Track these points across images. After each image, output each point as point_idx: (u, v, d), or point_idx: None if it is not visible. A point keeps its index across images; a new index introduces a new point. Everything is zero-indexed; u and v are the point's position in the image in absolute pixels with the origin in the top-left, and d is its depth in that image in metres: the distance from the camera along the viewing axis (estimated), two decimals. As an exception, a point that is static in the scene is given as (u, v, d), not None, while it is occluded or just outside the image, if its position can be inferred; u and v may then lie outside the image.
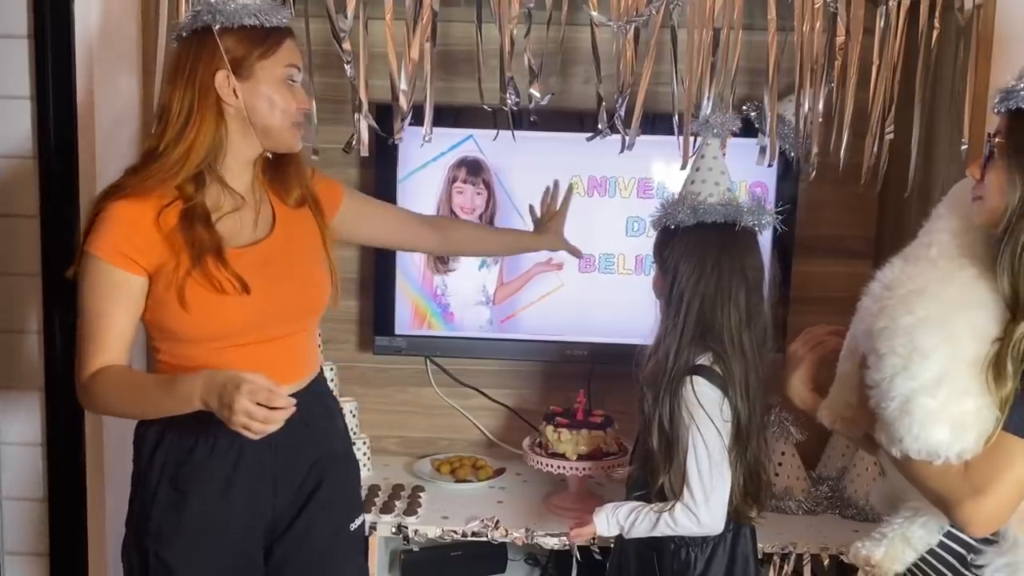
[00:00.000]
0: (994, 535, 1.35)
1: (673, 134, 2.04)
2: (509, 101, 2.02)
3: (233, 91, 1.57)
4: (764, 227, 1.79)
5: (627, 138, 2.05)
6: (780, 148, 2.10)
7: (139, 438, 1.66)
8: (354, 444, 1.90)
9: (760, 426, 1.78)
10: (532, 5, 1.96)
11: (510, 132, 2.08)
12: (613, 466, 2.17)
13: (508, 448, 2.50)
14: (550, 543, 2.11)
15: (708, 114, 1.87)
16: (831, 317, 1.63)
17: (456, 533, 2.13)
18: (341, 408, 1.85)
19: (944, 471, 1.30)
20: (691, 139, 2.02)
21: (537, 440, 2.25)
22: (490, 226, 2.33)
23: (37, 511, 1.99)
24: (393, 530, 2.13)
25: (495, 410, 2.54)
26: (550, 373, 2.50)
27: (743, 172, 2.18)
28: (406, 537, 2.14)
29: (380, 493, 2.24)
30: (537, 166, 2.32)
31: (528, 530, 2.11)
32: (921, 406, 1.29)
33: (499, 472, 2.39)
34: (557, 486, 2.30)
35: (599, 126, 2.04)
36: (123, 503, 2.04)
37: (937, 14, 2.02)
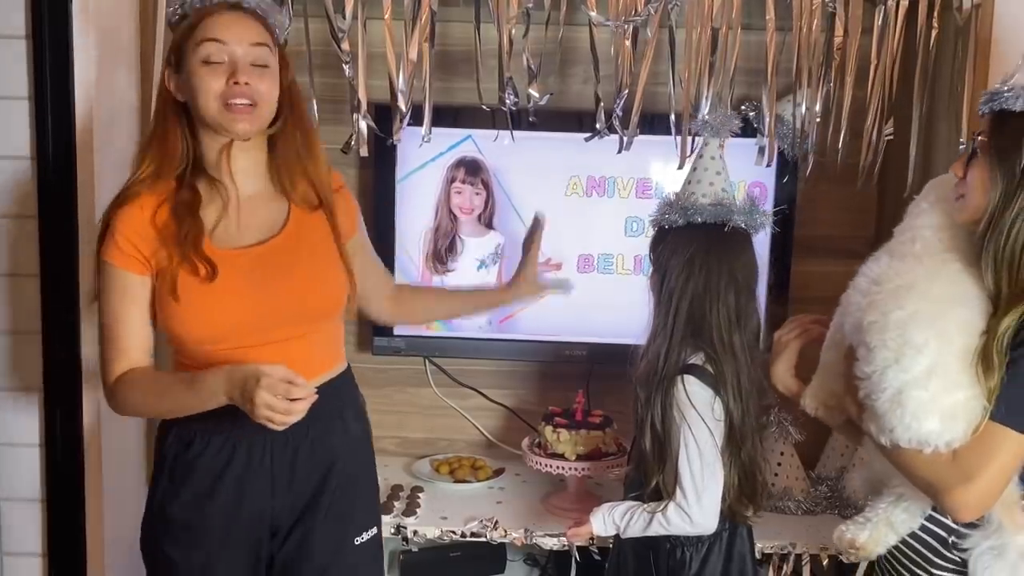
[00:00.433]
0: (978, 519, 1.40)
1: (671, 134, 2.04)
2: (508, 101, 2.02)
3: (176, 86, 1.57)
4: (756, 228, 1.78)
5: (625, 138, 2.05)
6: (779, 148, 2.10)
7: (158, 431, 1.69)
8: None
9: (755, 427, 1.78)
10: (530, 5, 1.96)
11: (509, 132, 2.08)
12: (612, 466, 2.17)
13: (507, 448, 2.50)
14: (549, 543, 2.11)
15: (707, 113, 1.88)
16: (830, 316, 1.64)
17: (455, 533, 2.13)
18: (364, 417, 1.76)
19: (933, 459, 1.35)
20: (689, 139, 2.03)
21: (536, 440, 2.25)
22: (458, 289, 2.14)
23: (35, 512, 1.99)
24: (392, 531, 2.12)
25: (494, 410, 2.54)
26: (549, 373, 2.50)
27: (742, 172, 2.18)
28: (405, 538, 2.14)
29: (379, 494, 2.24)
30: (536, 166, 2.32)
31: (527, 530, 2.11)
32: (913, 398, 1.34)
33: (498, 472, 2.39)
34: (556, 486, 2.29)
35: (597, 126, 2.05)
36: (122, 504, 2.04)
37: (935, 14, 2.02)
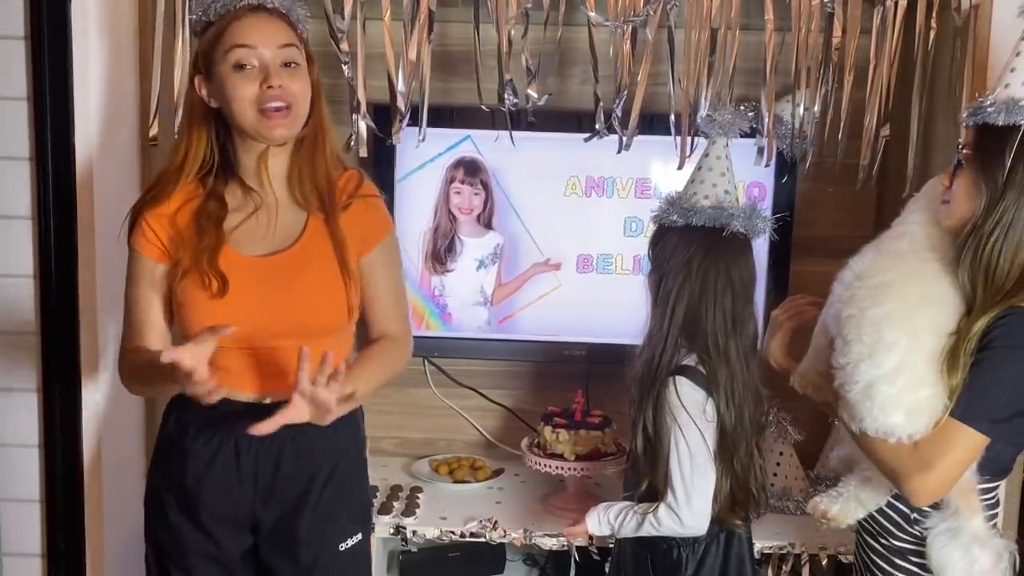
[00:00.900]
0: (935, 504, 1.52)
1: (671, 134, 2.04)
2: (507, 101, 2.02)
3: (209, 93, 1.59)
4: (756, 233, 1.77)
5: (624, 138, 2.05)
6: (778, 148, 2.10)
7: (163, 413, 1.73)
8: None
9: (751, 435, 1.76)
10: (530, 5, 1.96)
11: (508, 133, 2.08)
12: (611, 466, 2.17)
13: (506, 449, 2.50)
14: (548, 543, 2.11)
15: (716, 112, 1.84)
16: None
17: (454, 534, 2.13)
18: (357, 429, 1.75)
19: (896, 448, 1.47)
20: (688, 139, 2.03)
21: (535, 440, 2.25)
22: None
23: (35, 512, 1.99)
24: (391, 531, 2.12)
25: (493, 411, 2.54)
26: (548, 373, 2.50)
27: (741, 172, 2.15)
28: (404, 538, 2.14)
29: (378, 494, 2.24)
30: (535, 166, 2.33)
31: (526, 531, 2.11)
32: (882, 392, 1.45)
33: (497, 473, 2.39)
34: (555, 487, 2.29)
35: (597, 126, 2.05)
36: (121, 504, 2.04)
37: (934, 14, 2.02)
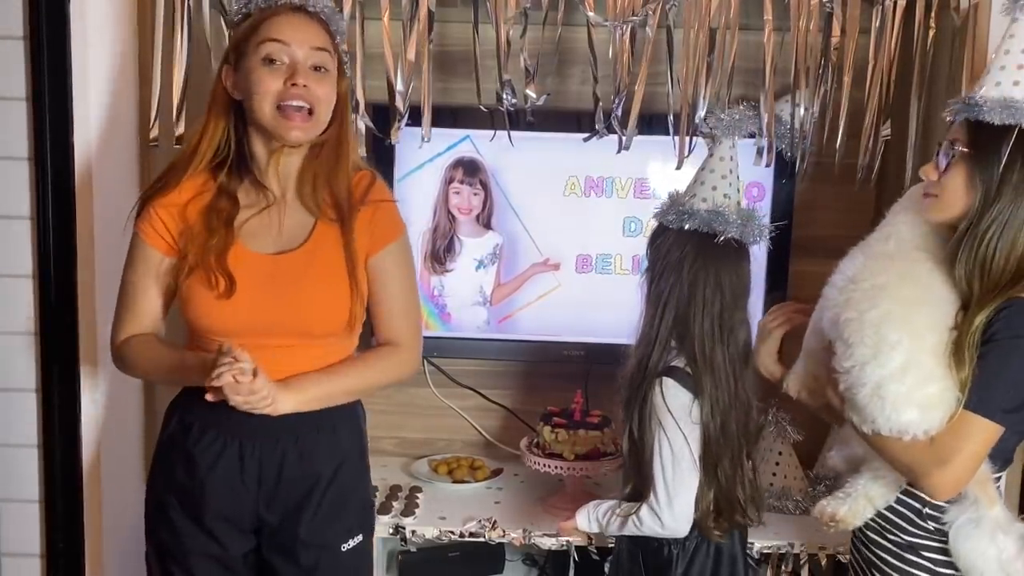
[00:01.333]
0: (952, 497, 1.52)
1: (670, 134, 2.04)
2: (506, 101, 2.02)
3: (233, 84, 1.60)
4: (752, 240, 1.75)
5: (624, 138, 2.05)
6: (777, 148, 2.10)
7: (165, 412, 1.73)
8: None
9: (737, 446, 1.73)
10: (528, 5, 1.96)
11: (507, 132, 2.08)
12: (610, 466, 2.17)
13: (505, 448, 2.50)
14: (547, 543, 2.11)
15: (725, 112, 1.82)
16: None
17: (454, 534, 2.13)
18: (360, 432, 1.75)
19: (912, 445, 1.47)
20: (687, 139, 2.03)
21: (534, 440, 2.25)
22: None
23: (34, 513, 1.99)
24: (391, 531, 2.12)
25: (492, 410, 2.54)
26: (547, 373, 2.50)
27: (740, 172, 2.18)
28: (404, 538, 2.14)
29: (377, 494, 2.24)
30: (534, 166, 2.33)
31: (525, 530, 2.11)
32: (892, 391, 1.46)
33: (496, 472, 2.39)
34: (554, 486, 2.30)
35: (596, 126, 2.05)
36: (121, 504, 2.04)
37: (933, 14, 2.02)
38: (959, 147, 1.49)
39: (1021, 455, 1.89)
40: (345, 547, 1.70)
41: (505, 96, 2.01)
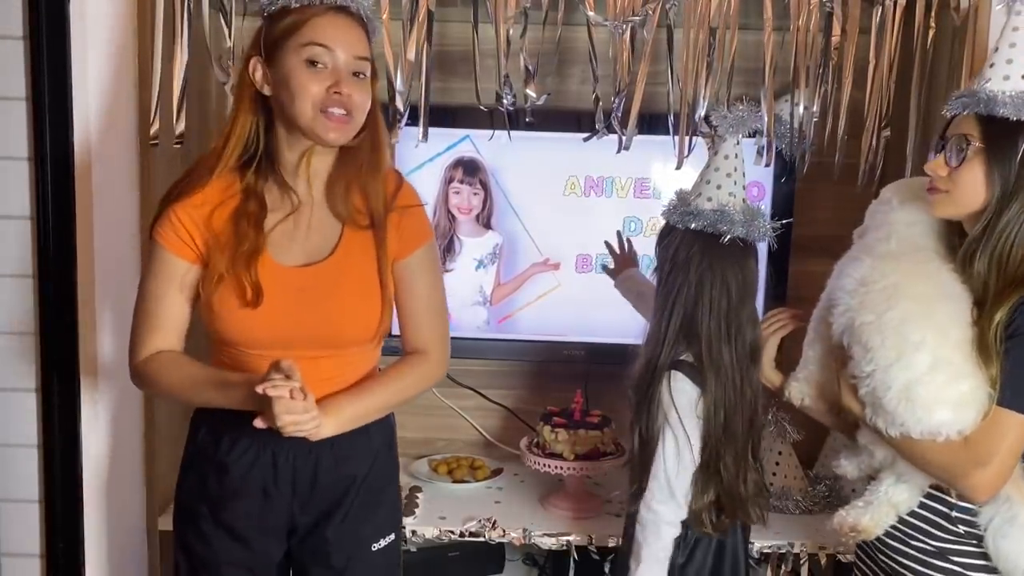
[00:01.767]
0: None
1: (670, 134, 2.04)
2: (505, 101, 2.02)
3: (264, 79, 1.54)
4: (757, 239, 1.74)
5: (624, 138, 2.05)
6: (777, 148, 2.10)
7: (191, 423, 1.70)
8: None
9: (741, 444, 1.71)
10: (528, 5, 1.96)
11: (506, 132, 2.08)
12: (610, 466, 2.17)
13: (505, 448, 2.50)
14: (547, 543, 2.11)
15: (730, 109, 1.79)
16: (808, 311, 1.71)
17: (454, 533, 2.13)
18: (390, 430, 1.74)
19: (946, 447, 1.43)
20: (687, 139, 2.02)
21: (534, 440, 2.25)
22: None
23: (34, 513, 1.99)
24: (390, 531, 2.12)
25: (492, 410, 2.54)
26: (547, 373, 2.50)
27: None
28: (404, 538, 2.14)
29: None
30: (534, 166, 2.33)
31: (526, 530, 2.11)
32: (920, 393, 1.42)
33: (496, 472, 2.39)
34: (554, 486, 2.29)
35: (596, 126, 2.05)
36: (120, 504, 2.04)
37: (933, 13, 2.02)
38: (974, 142, 1.45)
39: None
40: (376, 547, 1.68)
41: (505, 96, 2.01)
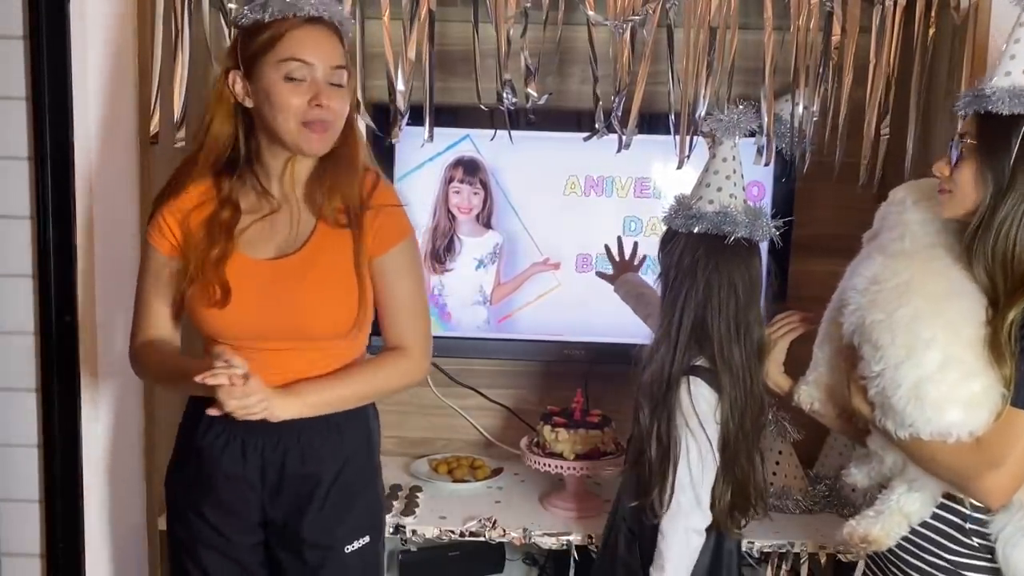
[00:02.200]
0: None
1: (670, 133, 2.04)
2: (506, 101, 2.02)
3: (245, 92, 1.58)
4: (761, 238, 1.74)
5: (624, 138, 2.05)
6: (777, 147, 2.10)
7: (185, 406, 1.75)
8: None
9: (752, 444, 1.73)
10: (529, 5, 1.96)
11: (507, 132, 2.08)
12: (610, 466, 2.17)
13: (506, 448, 2.50)
14: (548, 543, 2.11)
15: (725, 111, 1.79)
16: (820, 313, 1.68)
17: (454, 533, 2.13)
18: (368, 430, 1.75)
19: (957, 449, 1.39)
20: (687, 138, 2.02)
21: (535, 440, 2.25)
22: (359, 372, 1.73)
23: (34, 512, 1.99)
24: (391, 530, 2.12)
25: (492, 410, 2.54)
26: (547, 373, 2.50)
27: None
28: (404, 537, 2.14)
29: (381, 505, 2.24)
30: (534, 166, 2.33)
31: (526, 530, 2.11)
32: (931, 392, 1.38)
33: (497, 472, 2.39)
34: (555, 486, 2.29)
35: (596, 126, 2.05)
36: (120, 504, 2.04)
37: (932, 13, 2.02)
38: (969, 140, 1.44)
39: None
40: (349, 548, 1.69)
41: (505, 95, 2.01)
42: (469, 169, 2.34)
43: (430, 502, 2.23)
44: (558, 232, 2.37)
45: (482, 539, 2.13)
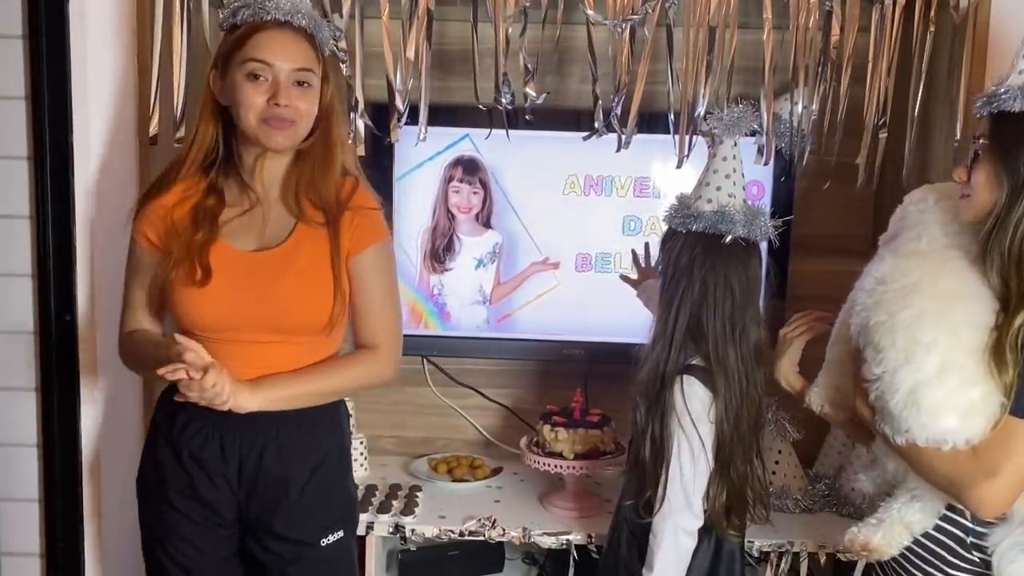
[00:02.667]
0: (1000, 516, 1.40)
1: (669, 133, 2.04)
2: (504, 100, 2.02)
3: (219, 90, 1.65)
4: (759, 238, 1.73)
5: (623, 137, 2.05)
6: (776, 146, 2.10)
7: (157, 399, 1.77)
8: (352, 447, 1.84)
9: (749, 446, 1.72)
10: (528, 4, 1.96)
11: (506, 131, 2.08)
12: (610, 465, 2.17)
13: (505, 447, 2.50)
14: (547, 542, 2.11)
15: (725, 110, 1.78)
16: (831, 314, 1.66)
17: (453, 532, 2.13)
18: (340, 428, 1.77)
19: (952, 456, 1.35)
20: (687, 138, 2.03)
21: (534, 439, 2.25)
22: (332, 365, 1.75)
23: (34, 512, 1.99)
24: (390, 530, 2.12)
25: (492, 409, 2.54)
26: (547, 372, 2.50)
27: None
28: (403, 537, 2.14)
29: (377, 493, 2.24)
30: (533, 165, 2.33)
31: (525, 529, 2.11)
32: (928, 396, 1.35)
33: (496, 471, 2.39)
34: (554, 485, 2.30)
35: (595, 125, 2.05)
36: (119, 503, 2.04)
37: (932, 12, 2.02)
38: (982, 140, 1.41)
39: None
40: (325, 542, 1.72)
41: (504, 95, 2.01)
42: (468, 168, 2.35)
43: (430, 502, 2.23)
44: (557, 232, 2.37)
45: (482, 538, 2.13)
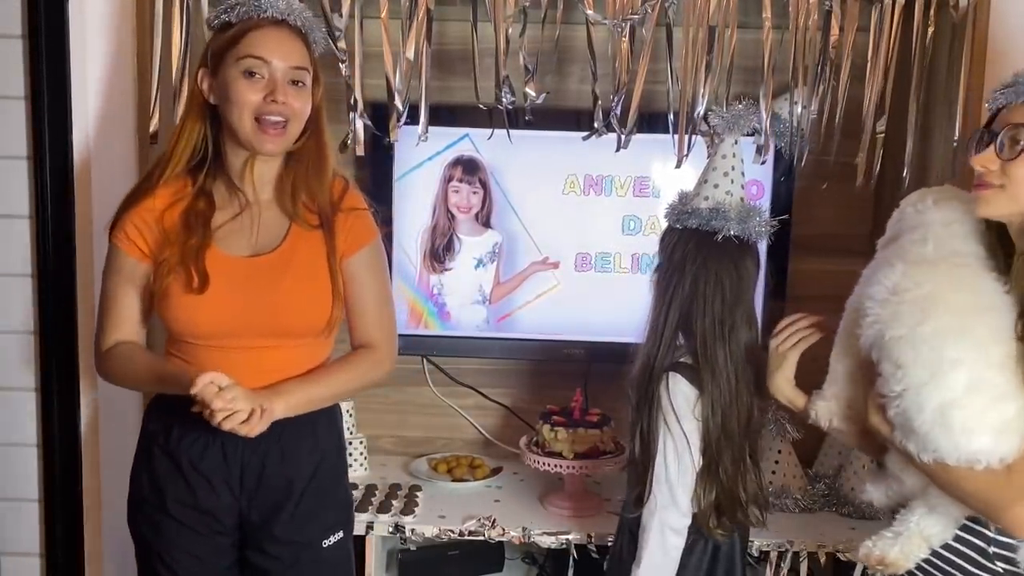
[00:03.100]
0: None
1: (669, 132, 2.04)
2: (504, 100, 2.02)
3: (210, 89, 1.62)
4: (754, 237, 1.71)
5: (623, 137, 2.05)
6: (775, 146, 2.10)
7: (145, 409, 1.75)
8: (350, 443, 1.85)
9: (739, 444, 1.70)
10: (527, 4, 1.96)
11: (506, 131, 2.08)
12: (610, 465, 2.17)
13: (505, 447, 2.50)
14: (547, 542, 2.11)
15: (726, 109, 1.77)
16: (827, 315, 1.63)
17: (453, 532, 2.13)
18: (337, 430, 1.78)
19: (985, 476, 1.28)
20: (686, 137, 2.03)
21: (534, 439, 2.25)
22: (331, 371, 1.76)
23: (33, 512, 1.99)
24: (390, 529, 2.13)
25: (492, 409, 2.54)
26: (547, 372, 2.50)
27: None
28: (403, 536, 2.14)
29: (377, 493, 2.24)
30: (533, 165, 2.32)
31: (525, 529, 2.11)
32: (958, 417, 1.27)
33: (496, 471, 2.39)
34: (554, 485, 2.30)
35: (595, 125, 2.05)
36: (119, 503, 2.04)
37: (932, 12, 2.02)
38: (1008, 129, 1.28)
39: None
40: (326, 543, 1.72)
41: (504, 95, 2.01)
42: (468, 168, 2.34)
43: (429, 501, 2.23)
44: (557, 231, 2.37)
45: (481, 538, 2.13)
